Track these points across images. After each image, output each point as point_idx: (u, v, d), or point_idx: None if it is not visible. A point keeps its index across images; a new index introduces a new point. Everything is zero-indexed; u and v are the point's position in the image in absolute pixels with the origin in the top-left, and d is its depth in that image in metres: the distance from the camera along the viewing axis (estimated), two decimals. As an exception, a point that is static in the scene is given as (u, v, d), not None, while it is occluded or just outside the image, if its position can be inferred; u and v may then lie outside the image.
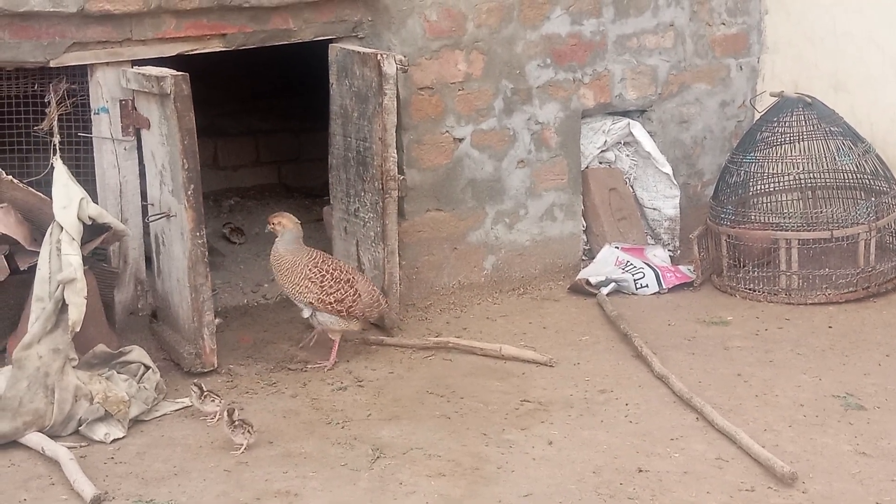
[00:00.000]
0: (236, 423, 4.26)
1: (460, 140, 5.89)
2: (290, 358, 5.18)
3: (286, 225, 5.01)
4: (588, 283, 5.91)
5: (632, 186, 6.47)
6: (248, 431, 4.27)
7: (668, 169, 6.35)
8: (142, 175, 5.27)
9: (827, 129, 5.91)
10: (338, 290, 4.97)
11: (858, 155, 5.91)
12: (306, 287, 4.97)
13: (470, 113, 5.89)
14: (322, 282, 4.97)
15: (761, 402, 4.59)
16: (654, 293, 5.90)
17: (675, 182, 6.38)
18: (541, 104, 6.06)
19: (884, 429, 4.32)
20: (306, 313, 5.06)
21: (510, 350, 5.14)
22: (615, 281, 5.91)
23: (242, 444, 4.27)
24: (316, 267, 4.99)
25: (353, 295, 5.01)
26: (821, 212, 5.81)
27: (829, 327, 5.37)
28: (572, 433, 4.37)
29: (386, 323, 5.36)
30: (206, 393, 4.55)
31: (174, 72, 4.84)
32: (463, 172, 5.92)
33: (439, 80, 5.78)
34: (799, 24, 6.57)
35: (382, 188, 5.32)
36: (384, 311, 5.23)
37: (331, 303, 4.97)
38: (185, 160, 4.79)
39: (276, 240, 5.03)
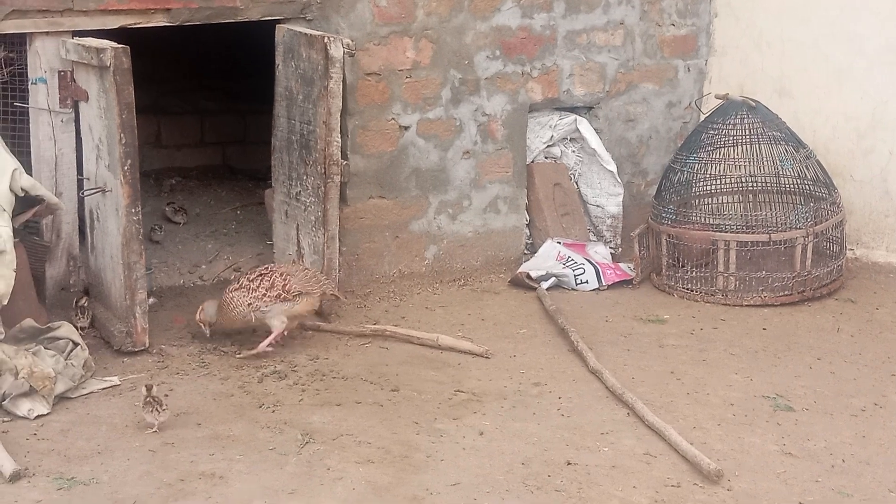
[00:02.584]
0: (147, 400, 4.19)
1: (406, 128, 5.86)
2: (224, 341, 5.11)
3: (206, 310, 5.00)
4: (529, 276, 5.92)
5: (576, 182, 6.49)
6: (157, 409, 4.19)
7: (612, 167, 6.37)
8: (78, 148, 5.17)
9: (770, 134, 5.96)
10: (261, 280, 4.93)
11: (799, 160, 5.97)
12: (238, 300, 4.92)
13: (417, 101, 5.86)
14: (241, 285, 4.95)
15: (692, 399, 4.62)
16: (594, 289, 5.92)
17: (620, 180, 6.41)
18: (488, 96, 6.05)
19: (811, 430, 4.37)
20: (253, 320, 4.96)
21: (447, 340, 5.12)
22: (556, 276, 5.92)
23: (154, 424, 4.20)
24: (231, 285, 5.02)
25: (280, 276, 4.96)
26: (760, 215, 5.86)
27: (763, 329, 5.43)
28: (504, 424, 4.37)
29: (323, 308, 5.30)
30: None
31: (115, 44, 4.75)
32: (407, 161, 5.89)
33: (387, 67, 5.75)
34: (747, 28, 6.63)
35: (325, 172, 5.27)
36: (329, 288, 5.12)
37: (264, 294, 4.91)
38: (122, 135, 4.70)
39: (208, 312, 5.01)
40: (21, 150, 5.07)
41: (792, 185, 5.96)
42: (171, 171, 7.52)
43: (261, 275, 4.96)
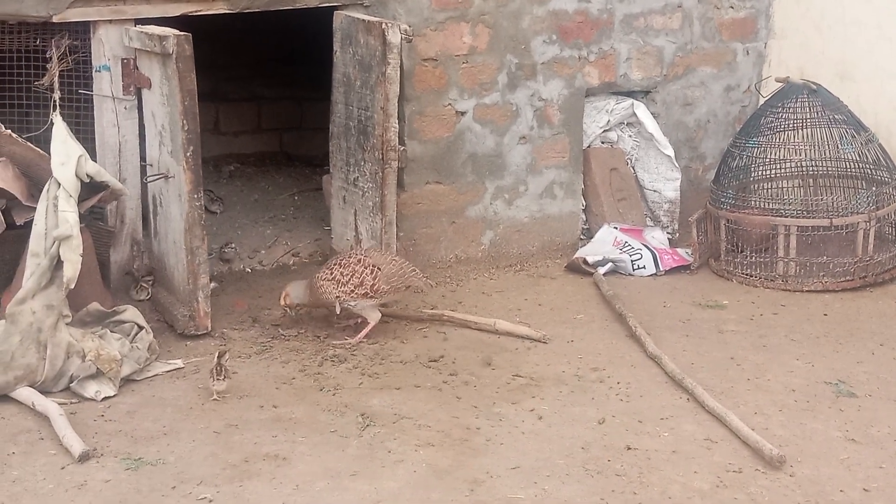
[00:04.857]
0: (215, 365, 4.31)
1: (462, 113, 5.86)
2: (285, 324, 5.17)
3: (290, 293, 5.03)
4: (585, 262, 5.90)
5: (633, 167, 6.46)
6: (222, 378, 4.31)
7: (670, 151, 6.33)
8: (141, 135, 5.25)
9: (831, 117, 5.88)
10: (352, 275, 4.93)
11: (861, 144, 5.89)
12: (326, 289, 4.95)
13: (473, 86, 5.86)
14: (332, 275, 4.95)
15: (753, 385, 4.59)
16: (651, 275, 5.89)
17: (677, 165, 6.36)
18: (545, 81, 6.03)
19: (874, 416, 4.32)
20: (338, 310, 4.99)
21: (504, 325, 5.14)
22: (612, 261, 5.90)
23: (213, 392, 4.33)
24: (324, 269, 5.03)
25: (371, 272, 4.94)
26: (821, 199, 5.79)
27: (825, 315, 5.37)
28: (562, 409, 4.37)
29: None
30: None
31: (177, 31, 4.81)
32: (464, 146, 5.91)
33: (444, 52, 5.75)
34: (807, 10, 6.53)
35: (382, 158, 5.30)
36: (417, 280, 5.09)
37: (352, 290, 4.93)
38: (185, 121, 4.77)
39: (294, 295, 5.04)
40: (85, 136, 5.17)
41: (853, 169, 5.88)
42: (229, 157, 7.61)
43: (353, 271, 4.93)
